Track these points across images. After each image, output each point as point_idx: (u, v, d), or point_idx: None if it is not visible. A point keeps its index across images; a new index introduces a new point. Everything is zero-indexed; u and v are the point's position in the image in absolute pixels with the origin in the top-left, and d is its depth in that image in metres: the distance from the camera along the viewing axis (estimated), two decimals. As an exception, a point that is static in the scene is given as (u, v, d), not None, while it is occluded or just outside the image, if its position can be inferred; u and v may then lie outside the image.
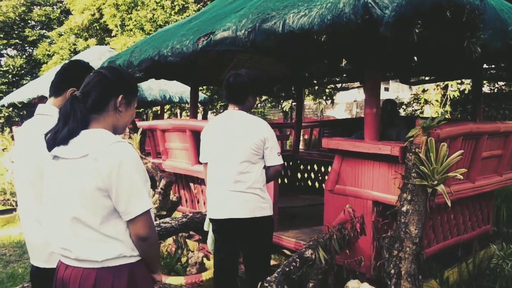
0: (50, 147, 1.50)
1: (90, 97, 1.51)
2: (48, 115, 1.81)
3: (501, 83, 10.25)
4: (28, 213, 1.79)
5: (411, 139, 2.57)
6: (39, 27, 24.22)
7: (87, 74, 1.60)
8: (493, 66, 4.76)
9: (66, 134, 1.46)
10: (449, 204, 2.56)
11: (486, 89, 10.40)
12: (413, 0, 2.02)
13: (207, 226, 2.84)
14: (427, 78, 5.79)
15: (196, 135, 4.13)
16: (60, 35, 18.72)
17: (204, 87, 11.93)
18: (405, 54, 4.12)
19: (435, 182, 2.48)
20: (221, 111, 15.44)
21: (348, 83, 6.47)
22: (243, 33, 2.74)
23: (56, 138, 1.47)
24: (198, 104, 9.27)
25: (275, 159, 2.57)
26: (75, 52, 16.07)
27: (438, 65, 4.62)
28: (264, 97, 13.30)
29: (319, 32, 2.37)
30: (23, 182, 1.80)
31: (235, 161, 2.54)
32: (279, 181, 5.34)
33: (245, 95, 2.62)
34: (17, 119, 20.27)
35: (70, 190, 1.46)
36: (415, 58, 4.44)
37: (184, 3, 12.32)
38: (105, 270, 1.45)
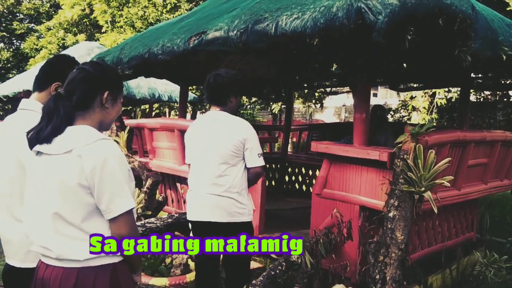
0: (32, 145, 1.46)
1: (75, 95, 1.47)
2: (31, 110, 1.77)
3: (487, 92, 10.42)
4: (6, 210, 1.73)
5: (400, 145, 2.58)
6: (27, 20, 23.82)
7: (72, 68, 1.56)
8: (480, 75, 4.84)
9: (49, 132, 1.43)
10: (436, 211, 2.58)
11: (472, 98, 10.55)
12: (406, 6, 2.03)
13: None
14: (415, 85, 5.85)
15: (184, 135, 4.09)
16: (49, 29, 18.43)
17: (194, 86, 11.86)
18: (395, 60, 4.15)
19: (422, 189, 2.49)
20: (210, 111, 15.38)
21: (338, 88, 6.51)
22: (235, 33, 2.73)
23: (39, 136, 1.44)
24: (188, 103, 9.22)
25: (255, 161, 2.49)
26: (64, 47, 15.84)
27: (427, 73, 4.67)
28: (253, 99, 13.29)
29: (311, 35, 2.37)
30: (2, 177, 1.74)
31: (213, 162, 2.48)
32: (266, 183, 5.33)
33: (226, 96, 2.54)
34: (1, 113, 19.88)
35: (52, 186, 1.42)
36: (404, 65, 4.48)
37: (176, 1, 12.25)
38: (87, 270, 1.41)
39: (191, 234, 2.75)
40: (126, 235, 1.45)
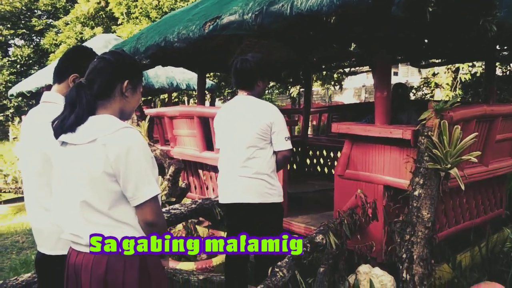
0: (57, 135, 1.49)
1: (96, 84, 1.50)
2: (53, 103, 1.80)
3: (513, 65, 10.03)
4: (35, 201, 1.78)
5: (424, 122, 2.52)
6: (45, 16, 24.20)
7: (89, 58, 1.58)
8: (505, 47, 4.65)
9: (73, 121, 1.46)
10: (463, 188, 2.52)
11: (498, 71, 10.20)
12: (427, -23, 1.95)
13: None
14: (438, 61, 5.67)
15: (203, 121, 4.11)
16: (67, 24, 18.69)
17: (211, 73, 11.87)
18: (416, 36, 4.03)
19: (448, 166, 2.43)
20: (229, 98, 15.39)
21: (357, 68, 6.38)
22: (250, 16, 2.69)
23: (64, 125, 1.47)
24: (206, 91, 9.24)
25: (283, 144, 2.52)
26: (82, 41, 16.07)
27: (450, 47, 4.52)
28: (271, 83, 13.20)
29: (328, 14, 2.31)
30: (29, 170, 1.79)
31: (242, 146, 2.52)
32: (288, 167, 5.32)
33: (253, 80, 2.59)
34: (26, 109, 20.40)
35: (79, 175, 1.45)
36: (426, 40, 4.34)
37: (190, -11, 12.20)
38: (117, 256, 1.44)
39: (221, 220, 2.77)
40: (152, 221, 1.48)
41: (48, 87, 8.89)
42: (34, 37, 24.04)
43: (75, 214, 1.47)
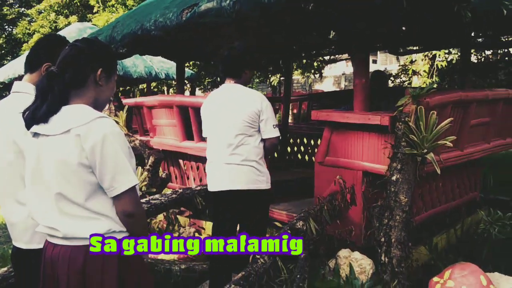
0: (28, 126, 1.45)
1: (67, 73, 1.45)
2: (24, 93, 1.75)
3: (488, 52, 10.26)
4: (8, 194, 1.73)
5: (401, 108, 2.56)
6: (17, 5, 23.35)
7: (63, 47, 1.52)
8: (480, 34, 4.74)
9: (45, 111, 1.41)
10: (439, 172, 2.57)
11: (473, 58, 10.41)
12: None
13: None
14: (415, 48, 5.75)
15: (183, 110, 4.07)
16: (40, 12, 18.09)
17: (191, 62, 11.72)
18: (393, 22, 4.06)
19: (425, 151, 2.48)
20: (209, 87, 15.26)
21: (337, 55, 6.41)
22: (228, 3, 2.66)
23: (35, 116, 1.42)
24: (185, 80, 9.13)
25: (271, 132, 2.56)
26: (56, 30, 15.58)
27: (427, 34, 4.57)
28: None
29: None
30: (1, 163, 1.74)
31: (230, 134, 2.53)
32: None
33: (240, 69, 2.60)
34: (-1, 101, 19.78)
35: (53, 167, 1.41)
36: (403, 27, 4.39)
37: (166, -24, 11.95)
38: (95, 247, 1.42)
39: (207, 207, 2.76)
40: (131, 212, 1.45)
41: (21, 78, 8.64)
42: (6, 27, 23.20)
43: (50, 206, 1.44)
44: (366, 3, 2.15)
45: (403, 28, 4.40)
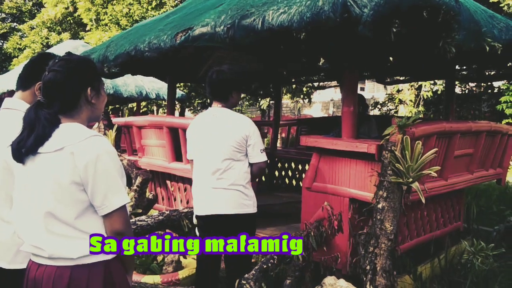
0: (15, 157, 1.44)
1: (56, 102, 1.43)
2: (15, 109, 1.74)
3: (472, 84, 10.58)
4: None
5: (387, 137, 2.61)
6: (9, 19, 23.37)
7: None
8: (464, 67, 4.91)
9: (33, 143, 1.40)
10: (423, 201, 2.62)
11: (457, 90, 10.71)
12: (391, -1, 2.05)
13: (195, 221, 2.83)
14: (401, 78, 5.91)
15: (173, 132, 4.08)
16: (32, 28, 18.13)
17: (182, 84, 11.80)
18: (381, 54, 4.19)
19: (410, 180, 2.53)
20: (199, 108, 15.32)
21: (326, 82, 6.54)
22: (222, 29, 2.72)
23: (20, 147, 1.40)
24: (176, 101, 9.13)
25: (258, 156, 2.56)
26: (48, 46, 15.61)
27: (413, 65, 4.72)
28: (242, 95, 13.29)
29: (298, 29, 2.37)
30: None
31: (217, 158, 2.53)
32: (257, 179, 5.34)
33: (228, 92, 2.61)
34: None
35: (44, 185, 1.41)
36: (391, 58, 4.52)
37: (161, -2, 12.16)
38: (80, 268, 1.41)
39: (196, 230, 2.76)
40: (121, 230, 1.45)
41: (11, 93, 8.56)
42: (-3, 41, 23.12)
43: (37, 225, 1.42)
44: (357, 35, 2.23)
45: (391, 59, 4.54)
